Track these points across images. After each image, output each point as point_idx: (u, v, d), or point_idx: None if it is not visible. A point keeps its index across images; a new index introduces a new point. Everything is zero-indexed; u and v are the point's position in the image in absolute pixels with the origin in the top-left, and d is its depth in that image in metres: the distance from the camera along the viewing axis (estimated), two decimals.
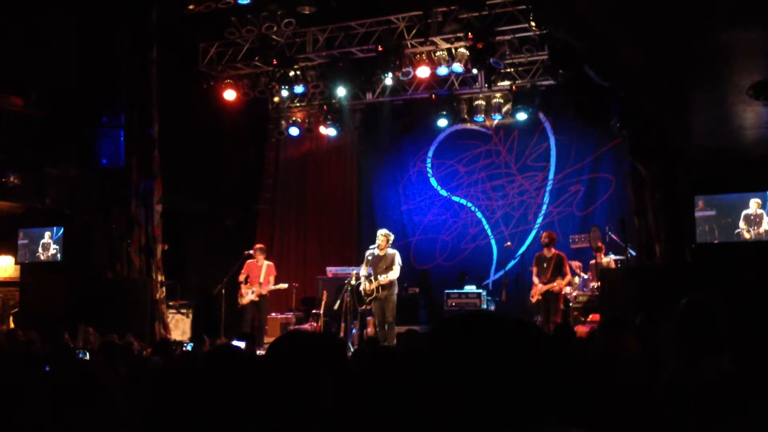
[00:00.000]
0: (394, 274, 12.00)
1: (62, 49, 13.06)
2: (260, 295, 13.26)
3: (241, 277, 13.36)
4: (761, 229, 10.52)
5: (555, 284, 12.31)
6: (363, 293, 12.17)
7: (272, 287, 13.43)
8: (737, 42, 7.13)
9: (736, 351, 2.90)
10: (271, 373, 2.10)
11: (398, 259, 12.12)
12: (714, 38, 7.14)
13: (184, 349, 8.67)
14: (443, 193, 16.62)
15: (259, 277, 13.34)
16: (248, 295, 13.22)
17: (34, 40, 13.16)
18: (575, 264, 13.19)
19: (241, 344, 9.82)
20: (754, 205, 10.63)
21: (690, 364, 3.10)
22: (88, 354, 5.60)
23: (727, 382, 2.42)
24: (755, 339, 3.65)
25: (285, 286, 13.73)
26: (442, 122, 15.78)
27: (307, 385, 2.02)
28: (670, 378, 3.16)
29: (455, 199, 16.50)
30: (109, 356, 6.01)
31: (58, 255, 13.30)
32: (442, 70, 14.36)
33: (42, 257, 13.47)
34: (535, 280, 12.60)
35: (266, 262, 13.54)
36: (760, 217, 10.56)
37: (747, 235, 10.60)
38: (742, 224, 10.62)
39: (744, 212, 10.67)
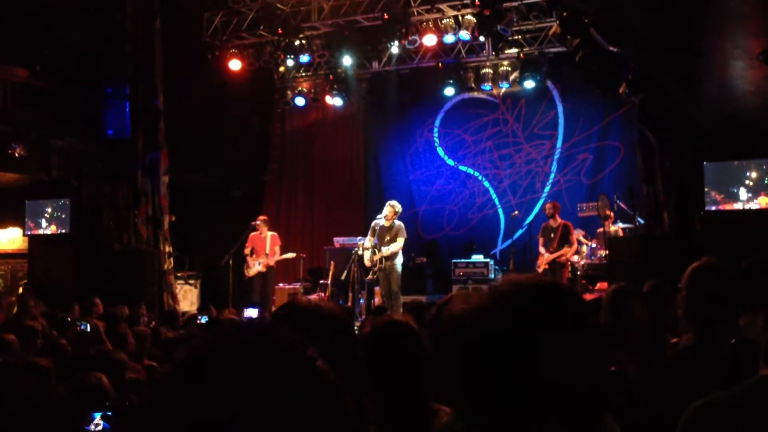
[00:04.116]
0: (396, 246, 11.98)
1: (67, 20, 12.98)
2: (267, 266, 13.30)
3: (247, 250, 13.39)
4: (759, 198, 10.46)
5: (562, 253, 12.30)
6: (368, 264, 12.19)
7: (279, 257, 13.47)
8: (744, 7, 7.02)
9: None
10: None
11: (403, 232, 12.09)
12: (720, 2, 7.04)
13: (198, 321, 8.69)
14: (450, 162, 16.55)
15: (265, 248, 13.36)
16: (255, 266, 13.25)
17: (39, 12, 13.08)
18: (579, 232, 13.16)
19: (254, 312, 9.86)
20: (754, 172, 10.56)
21: (702, 333, 3.07)
22: (88, 325, 5.61)
23: (741, 350, 2.39)
24: None
25: (293, 255, 13.74)
26: (449, 91, 15.67)
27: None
28: (683, 350, 3.13)
29: (462, 168, 16.44)
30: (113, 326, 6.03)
31: (62, 227, 13.34)
32: (449, 38, 14.23)
33: (46, 230, 13.50)
34: (542, 249, 12.59)
35: (270, 233, 13.54)
36: (759, 184, 10.49)
37: (742, 203, 10.53)
38: (742, 191, 10.57)
39: (745, 180, 10.61)
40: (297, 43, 14.68)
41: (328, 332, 2.06)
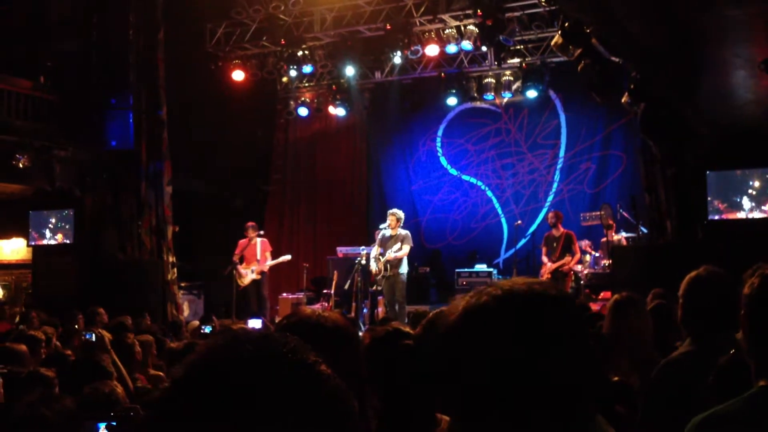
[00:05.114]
0: (402, 252, 11.94)
1: (70, 31, 13.04)
2: (260, 273, 13.23)
3: (236, 257, 13.30)
4: (764, 206, 10.43)
5: (564, 263, 12.28)
6: (373, 273, 12.16)
7: (272, 263, 13.38)
8: (745, 16, 7.04)
9: None
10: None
11: (409, 240, 12.06)
12: (721, 13, 7.06)
13: (202, 331, 8.69)
14: (453, 172, 16.57)
15: (255, 255, 13.27)
16: (249, 275, 13.16)
17: (42, 23, 13.14)
18: (585, 243, 13.15)
19: (257, 323, 9.84)
20: (757, 181, 10.54)
21: (697, 342, 3.07)
22: (94, 335, 5.62)
23: (737, 361, 2.39)
24: None
25: (288, 257, 13.70)
26: (452, 101, 15.71)
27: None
28: (677, 357, 3.14)
29: (465, 178, 16.46)
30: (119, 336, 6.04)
31: (67, 238, 13.35)
32: (451, 48, 14.26)
33: (50, 240, 13.51)
34: (545, 259, 12.57)
35: (260, 239, 13.47)
36: (762, 193, 10.46)
37: (745, 212, 10.50)
38: (745, 200, 10.55)
39: (748, 189, 10.59)
40: (300, 53, 14.72)
41: (333, 342, 2.07)
